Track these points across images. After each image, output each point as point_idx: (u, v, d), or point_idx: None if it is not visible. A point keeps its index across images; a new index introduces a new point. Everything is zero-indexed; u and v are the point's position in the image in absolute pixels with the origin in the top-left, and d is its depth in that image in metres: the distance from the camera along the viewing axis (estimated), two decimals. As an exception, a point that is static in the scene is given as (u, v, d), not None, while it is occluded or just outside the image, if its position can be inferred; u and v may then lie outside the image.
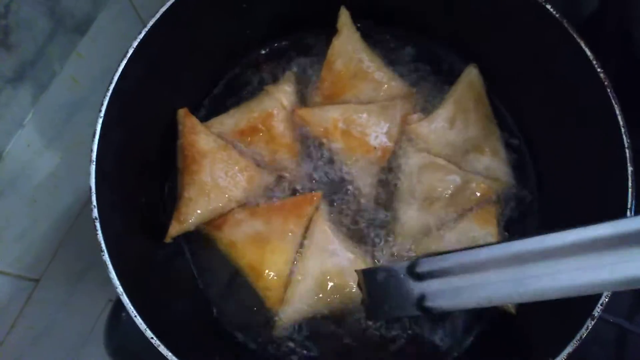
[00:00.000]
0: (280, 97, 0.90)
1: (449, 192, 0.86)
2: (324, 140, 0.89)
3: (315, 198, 0.86)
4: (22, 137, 0.90)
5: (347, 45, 0.92)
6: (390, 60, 0.96)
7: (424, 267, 0.58)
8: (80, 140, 1.00)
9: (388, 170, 0.90)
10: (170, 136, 0.89)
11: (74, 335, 1.12)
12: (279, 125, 0.89)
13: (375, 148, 0.87)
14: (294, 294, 0.81)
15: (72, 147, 0.99)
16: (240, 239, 0.83)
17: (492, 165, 0.89)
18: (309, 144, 0.91)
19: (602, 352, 0.91)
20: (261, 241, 0.82)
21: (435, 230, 0.85)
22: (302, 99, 0.93)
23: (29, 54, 0.87)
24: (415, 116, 0.90)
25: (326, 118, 0.88)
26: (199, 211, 0.83)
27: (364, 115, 0.88)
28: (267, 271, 0.81)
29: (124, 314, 0.81)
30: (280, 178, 0.89)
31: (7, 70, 0.84)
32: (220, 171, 0.84)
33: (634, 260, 0.44)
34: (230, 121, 0.90)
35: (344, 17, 0.93)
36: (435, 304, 0.57)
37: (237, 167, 0.85)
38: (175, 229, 0.83)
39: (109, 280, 1.13)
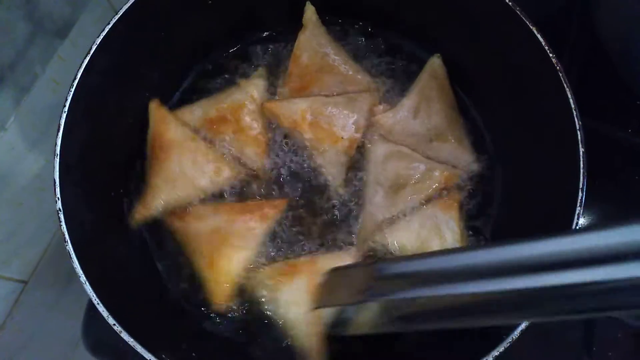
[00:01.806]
0: (251, 90, 0.91)
1: (414, 180, 0.87)
2: (293, 132, 0.90)
3: (280, 204, 0.87)
4: (5, 140, 0.91)
5: (313, 40, 0.93)
6: (356, 54, 0.97)
7: (388, 271, 0.58)
8: (64, 142, 1.01)
9: (356, 162, 0.91)
10: (138, 131, 0.90)
11: (63, 338, 1.12)
12: (248, 117, 0.90)
13: (342, 138, 0.88)
14: None
15: (57, 149, 1.00)
16: (201, 230, 0.84)
17: (455, 152, 0.91)
18: (277, 137, 0.92)
19: (572, 334, 0.92)
20: (220, 236, 0.83)
21: (402, 215, 0.86)
22: (273, 94, 0.95)
23: (8, 58, 0.88)
24: (380, 107, 0.92)
25: (294, 110, 0.89)
26: (164, 198, 0.85)
27: (331, 107, 0.89)
28: (219, 264, 0.81)
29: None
30: (247, 170, 0.89)
31: (-13, 73, 0.86)
32: (187, 161, 0.85)
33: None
34: (199, 110, 0.91)
35: (310, 12, 0.95)
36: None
37: (204, 158, 0.86)
38: (140, 214, 0.85)
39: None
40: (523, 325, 0.63)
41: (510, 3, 0.74)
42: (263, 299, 0.83)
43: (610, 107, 1.00)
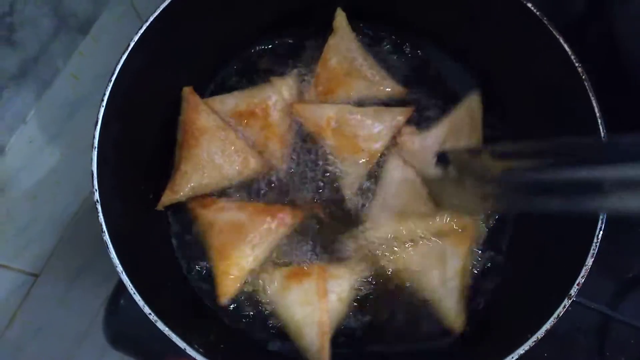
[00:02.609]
0: (282, 89, 0.93)
1: (421, 218, 0.87)
2: (316, 136, 0.92)
3: (299, 213, 0.89)
4: (25, 133, 0.92)
5: (342, 45, 0.95)
6: (384, 62, 0.99)
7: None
8: (81, 137, 1.01)
9: (375, 174, 0.91)
10: (170, 127, 0.92)
11: (72, 331, 1.13)
12: (276, 115, 0.92)
13: (363, 150, 0.89)
14: None
15: (73, 144, 1.01)
16: (221, 222, 0.85)
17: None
18: (301, 138, 0.93)
19: (585, 340, 0.93)
20: (238, 231, 0.84)
21: (407, 241, 0.87)
22: (301, 95, 0.96)
23: (32, 52, 0.89)
24: (408, 129, 0.92)
25: (321, 115, 0.90)
26: (192, 184, 0.87)
27: (358, 116, 0.90)
28: (234, 257, 0.83)
29: (122, 301, 0.83)
30: (269, 166, 0.92)
31: (11, 66, 0.86)
32: (217, 149, 0.87)
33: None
34: (231, 101, 0.93)
35: (340, 18, 0.97)
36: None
37: (233, 148, 0.88)
38: (167, 198, 0.87)
39: (107, 277, 1.15)
40: (548, 325, 0.66)
41: (539, 13, 0.77)
42: (271, 298, 0.85)
43: (630, 114, 1.00)
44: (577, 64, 0.75)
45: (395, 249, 0.86)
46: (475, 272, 0.88)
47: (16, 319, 0.99)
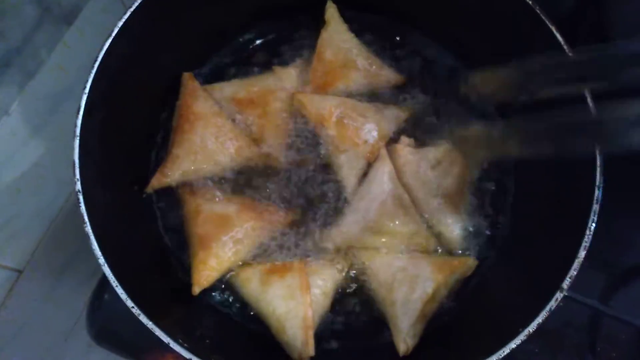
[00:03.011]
0: (285, 78, 0.93)
1: (399, 235, 0.86)
2: (318, 126, 0.90)
3: (288, 216, 0.87)
4: (7, 125, 0.90)
5: (335, 36, 0.95)
6: (377, 50, 0.98)
7: None
8: (66, 130, 0.98)
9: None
10: (156, 118, 0.91)
11: (57, 328, 1.11)
12: (275, 104, 0.91)
13: (366, 142, 0.88)
14: None
15: (58, 137, 0.99)
16: (208, 210, 0.84)
17: (453, 219, 0.88)
18: (299, 129, 0.92)
19: (576, 335, 0.93)
20: (224, 222, 0.83)
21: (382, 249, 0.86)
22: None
23: (15, 42, 0.87)
24: (407, 140, 0.91)
25: (324, 105, 0.89)
26: (183, 168, 0.86)
27: (360, 110, 0.90)
28: (214, 248, 0.82)
29: (106, 296, 0.82)
30: (264, 156, 0.90)
31: (-6, 56, 0.84)
32: (211, 135, 0.87)
33: None
34: (230, 89, 0.92)
35: (332, 10, 0.96)
36: None
37: (227, 135, 0.87)
38: (157, 181, 0.86)
39: (93, 273, 1.13)
40: (540, 319, 0.65)
41: (534, 6, 0.77)
42: (251, 293, 0.83)
43: None
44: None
45: (371, 253, 0.86)
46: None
47: (-1, 315, 0.97)
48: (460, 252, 0.88)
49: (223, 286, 0.86)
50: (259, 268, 0.84)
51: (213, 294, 0.86)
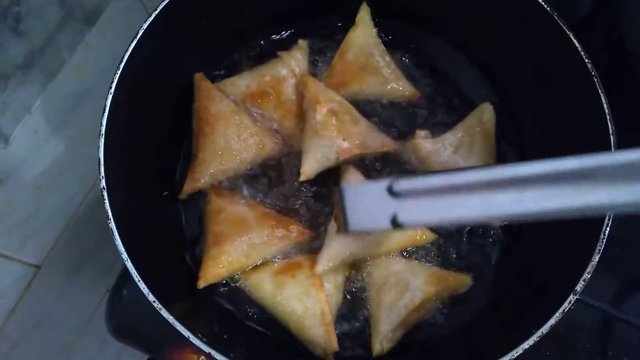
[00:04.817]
0: (291, 63, 0.93)
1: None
2: (310, 107, 0.89)
3: (305, 234, 0.88)
4: (29, 123, 0.92)
5: (362, 39, 0.95)
6: (400, 60, 0.99)
7: (401, 186, 0.64)
8: (86, 129, 1.02)
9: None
10: (178, 117, 0.92)
11: (72, 324, 1.12)
12: (288, 91, 0.92)
13: (343, 140, 0.87)
14: None
15: (78, 136, 1.01)
16: (230, 211, 0.86)
17: None
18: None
19: (588, 339, 0.93)
20: (243, 225, 0.84)
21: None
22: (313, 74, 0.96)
23: (39, 42, 0.89)
24: (422, 132, 0.90)
25: (325, 94, 0.89)
26: (211, 171, 0.88)
27: (356, 118, 0.90)
28: (225, 247, 0.83)
29: (125, 291, 0.83)
30: (286, 144, 0.92)
31: (18, 56, 0.86)
32: (232, 134, 0.88)
33: (593, 192, 0.52)
34: (242, 83, 0.93)
35: (364, 12, 0.97)
36: (409, 220, 0.64)
37: (248, 132, 0.89)
38: (189, 186, 0.88)
39: (109, 270, 1.15)
40: (553, 320, 0.66)
41: (552, 12, 0.78)
42: (265, 296, 0.84)
43: (634, 113, 0.97)
44: (587, 61, 0.75)
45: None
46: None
47: (17, 310, 0.98)
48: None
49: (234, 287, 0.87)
50: (268, 270, 0.85)
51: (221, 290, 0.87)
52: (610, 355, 0.92)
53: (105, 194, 0.68)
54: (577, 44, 0.76)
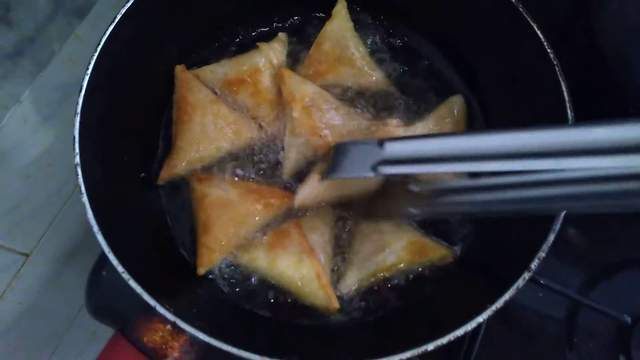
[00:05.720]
0: (270, 54, 0.95)
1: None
2: (286, 104, 0.91)
3: (287, 199, 0.89)
4: (19, 111, 0.94)
5: (338, 31, 0.97)
6: (376, 52, 1.00)
7: (392, 145, 0.68)
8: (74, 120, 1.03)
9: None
10: (158, 99, 0.94)
11: (61, 313, 1.13)
12: (265, 81, 0.94)
13: (320, 136, 0.89)
14: None
15: (67, 126, 1.01)
16: (212, 195, 0.87)
17: None
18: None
19: (555, 328, 0.94)
20: (226, 206, 0.85)
21: None
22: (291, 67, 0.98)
23: (28, 32, 0.92)
24: (394, 121, 0.91)
25: (299, 88, 0.91)
26: (188, 159, 0.89)
27: (332, 107, 0.91)
28: (216, 232, 0.84)
29: (104, 272, 0.84)
30: (262, 133, 0.93)
31: (7, 45, 0.89)
32: (210, 123, 0.90)
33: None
34: (220, 70, 0.95)
35: (340, 5, 0.99)
36: (389, 170, 0.67)
37: (225, 120, 0.90)
38: (166, 173, 0.90)
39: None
40: (507, 296, 0.67)
41: (524, 12, 0.80)
42: (264, 271, 0.86)
43: (607, 113, 1.03)
44: (549, 50, 0.77)
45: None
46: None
47: (5, 298, 0.99)
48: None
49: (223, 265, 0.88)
50: (260, 248, 0.86)
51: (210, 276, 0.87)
52: (576, 342, 0.93)
53: (79, 169, 0.70)
54: (541, 36, 0.78)
